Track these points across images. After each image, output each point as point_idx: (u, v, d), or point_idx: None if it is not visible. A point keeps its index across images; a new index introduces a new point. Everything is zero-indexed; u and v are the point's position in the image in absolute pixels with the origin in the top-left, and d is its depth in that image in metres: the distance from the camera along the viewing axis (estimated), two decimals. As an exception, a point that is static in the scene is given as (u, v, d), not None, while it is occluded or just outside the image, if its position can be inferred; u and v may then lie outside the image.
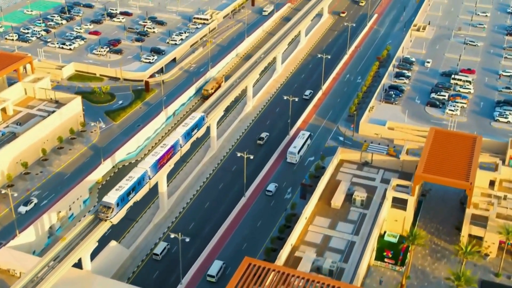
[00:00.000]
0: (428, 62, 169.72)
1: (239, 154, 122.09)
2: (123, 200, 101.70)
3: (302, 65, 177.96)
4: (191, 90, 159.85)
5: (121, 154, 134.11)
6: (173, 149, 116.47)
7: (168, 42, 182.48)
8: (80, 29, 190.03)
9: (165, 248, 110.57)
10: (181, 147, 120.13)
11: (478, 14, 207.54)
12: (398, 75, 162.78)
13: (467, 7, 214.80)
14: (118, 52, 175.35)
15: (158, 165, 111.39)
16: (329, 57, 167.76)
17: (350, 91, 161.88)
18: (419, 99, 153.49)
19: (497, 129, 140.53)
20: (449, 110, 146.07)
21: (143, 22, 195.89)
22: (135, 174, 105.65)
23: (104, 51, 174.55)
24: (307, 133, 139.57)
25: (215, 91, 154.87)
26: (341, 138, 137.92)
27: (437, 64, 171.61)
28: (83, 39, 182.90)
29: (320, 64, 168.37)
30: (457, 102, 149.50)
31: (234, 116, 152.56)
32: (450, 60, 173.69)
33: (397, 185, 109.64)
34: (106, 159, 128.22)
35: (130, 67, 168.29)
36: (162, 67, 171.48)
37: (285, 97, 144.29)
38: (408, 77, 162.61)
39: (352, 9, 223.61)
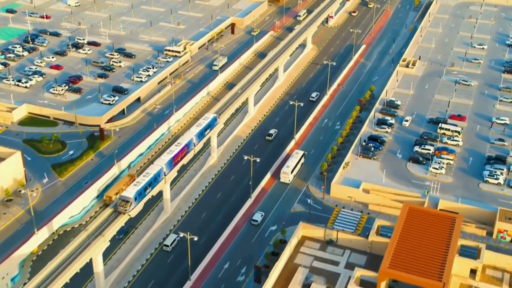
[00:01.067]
0: (407, 121, 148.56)
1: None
2: (140, 194, 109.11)
3: (277, 107, 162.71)
4: (151, 138, 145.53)
5: (64, 218, 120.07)
6: (187, 148, 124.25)
7: (133, 79, 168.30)
8: (41, 62, 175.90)
9: (175, 239, 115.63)
10: (194, 146, 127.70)
11: (474, 47, 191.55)
12: (379, 123, 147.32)
13: (462, 38, 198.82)
14: (77, 91, 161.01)
15: (172, 162, 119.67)
16: (301, 104, 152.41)
17: (327, 140, 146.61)
18: (401, 153, 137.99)
19: (486, 193, 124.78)
20: (433, 168, 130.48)
21: (110, 54, 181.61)
22: (151, 171, 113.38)
23: (62, 90, 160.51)
24: (301, 152, 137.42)
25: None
26: (310, 201, 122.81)
27: (425, 108, 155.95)
28: (42, 74, 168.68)
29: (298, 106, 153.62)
30: (443, 158, 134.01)
31: (195, 170, 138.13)
32: (439, 104, 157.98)
33: (362, 277, 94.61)
34: (43, 226, 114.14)
35: (87, 109, 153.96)
36: (124, 109, 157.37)
37: (246, 157, 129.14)
38: (390, 125, 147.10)
39: (361, 10, 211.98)
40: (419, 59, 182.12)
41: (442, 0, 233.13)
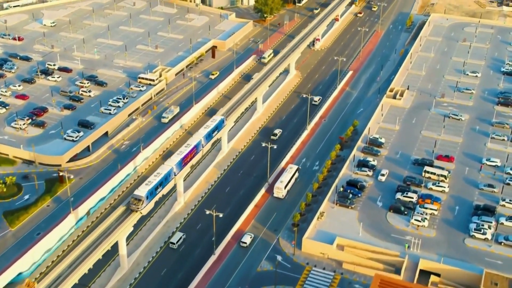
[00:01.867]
0: (383, 175, 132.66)
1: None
2: (152, 193, 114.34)
3: (253, 144, 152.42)
4: (115, 180, 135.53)
5: (11, 274, 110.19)
6: (195, 149, 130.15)
7: (102, 111, 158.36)
8: (6, 91, 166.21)
9: (181, 237, 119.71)
10: (203, 147, 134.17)
11: (467, 74, 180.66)
12: (360, 165, 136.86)
13: (455, 64, 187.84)
14: (41, 125, 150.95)
15: (182, 163, 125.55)
16: (274, 147, 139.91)
17: (303, 184, 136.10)
18: (382, 200, 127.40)
19: (472, 250, 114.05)
20: (415, 220, 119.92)
21: (80, 82, 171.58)
22: (162, 171, 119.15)
23: (24, 124, 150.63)
24: (295, 167, 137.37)
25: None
26: (277, 262, 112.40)
27: (411, 146, 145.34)
28: (5, 106, 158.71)
29: (275, 144, 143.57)
30: (426, 208, 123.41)
31: (160, 217, 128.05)
32: (426, 141, 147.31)
33: None
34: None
35: (49, 146, 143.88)
36: (89, 146, 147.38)
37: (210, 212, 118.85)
38: (372, 167, 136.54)
39: (365, 13, 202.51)
40: (408, 89, 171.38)
41: (435, 21, 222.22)
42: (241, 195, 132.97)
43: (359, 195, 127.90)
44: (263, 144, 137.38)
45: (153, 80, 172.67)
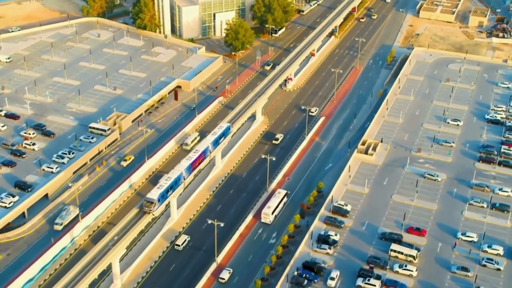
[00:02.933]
0: (333, 279, 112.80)
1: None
2: (163, 196, 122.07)
3: (204, 211, 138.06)
4: (48, 255, 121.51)
5: None
6: (203, 154, 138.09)
7: (43, 170, 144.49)
8: None
9: (185, 240, 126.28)
10: (210, 153, 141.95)
11: (448, 122, 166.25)
12: (320, 240, 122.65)
13: (436, 110, 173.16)
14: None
15: (191, 167, 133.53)
16: (221, 225, 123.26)
17: (256, 261, 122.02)
18: (342, 286, 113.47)
19: None
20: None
21: (25, 133, 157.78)
22: (172, 175, 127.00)
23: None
24: (283, 192, 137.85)
25: None
26: None
27: (379, 216, 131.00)
28: None
29: (227, 213, 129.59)
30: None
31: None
32: (398, 209, 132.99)
33: None
34: None
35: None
36: (24, 212, 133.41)
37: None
38: (334, 243, 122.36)
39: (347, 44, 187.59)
40: (381, 141, 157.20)
41: (418, 56, 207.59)
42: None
43: (316, 280, 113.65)
44: (209, 221, 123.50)
45: (105, 131, 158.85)
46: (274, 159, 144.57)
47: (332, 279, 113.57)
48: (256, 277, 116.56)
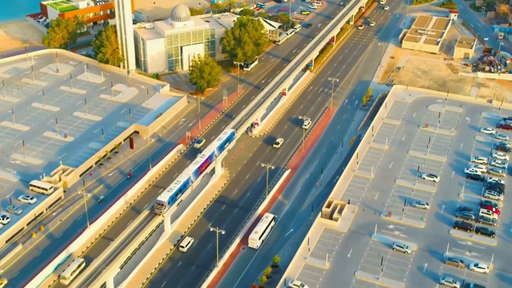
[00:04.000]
0: None
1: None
2: (172, 199, 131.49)
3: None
4: None
5: None
6: (209, 159, 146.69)
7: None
8: None
9: (189, 242, 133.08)
10: (216, 157, 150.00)
11: (424, 178, 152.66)
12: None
13: (412, 162, 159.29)
14: None
15: (198, 171, 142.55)
16: None
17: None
18: None
19: None
20: None
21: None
22: (181, 179, 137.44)
23: None
24: (271, 216, 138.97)
25: None
26: None
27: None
28: None
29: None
30: None
31: None
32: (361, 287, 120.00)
33: None
34: None
35: None
36: None
37: None
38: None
39: (321, 81, 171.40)
40: (348, 203, 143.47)
41: (397, 95, 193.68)
42: None
43: None
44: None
45: (46, 189, 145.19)
46: (223, 232, 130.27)
47: None
48: None
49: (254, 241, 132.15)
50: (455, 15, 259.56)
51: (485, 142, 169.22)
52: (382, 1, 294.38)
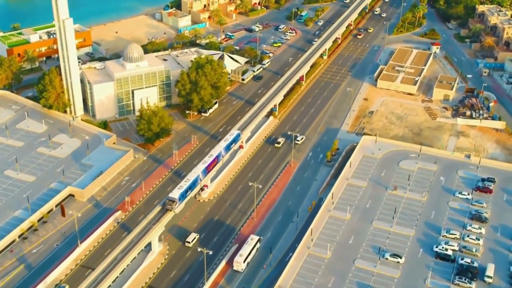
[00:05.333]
0: None
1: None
2: (183, 196, 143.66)
3: None
4: None
5: None
6: (217, 159, 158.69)
7: None
8: None
9: (195, 237, 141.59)
10: (222, 157, 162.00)
11: (387, 259, 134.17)
12: None
13: (374, 236, 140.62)
14: None
15: (206, 170, 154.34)
16: None
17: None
18: None
19: None
20: None
21: None
22: (190, 177, 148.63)
23: None
24: (256, 238, 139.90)
25: None
26: None
27: None
28: None
29: None
30: None
31: None
32: None
33: None
34: None
35: None
36: None
37: None
38: None
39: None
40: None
41: (365, 148, 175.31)
42: None
43: None
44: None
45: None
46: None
47: None
48: None
49: (239, 264, 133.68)
50: (437, 48, 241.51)
51: (460, 210, 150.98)
52: (376, 10, 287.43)
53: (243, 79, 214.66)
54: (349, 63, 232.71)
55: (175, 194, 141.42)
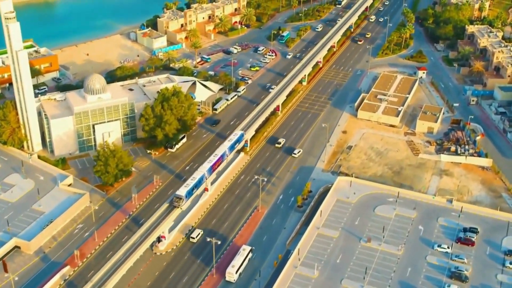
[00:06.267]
0: None
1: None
2: (189, 193, 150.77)
3: None
4: None
5: None
6: (221, 158, 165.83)
7: None
8: None
9: (199, 233, 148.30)
10: (227, 156, 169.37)
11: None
12: None
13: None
14: None
15: (212, 169, 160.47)
16: None
17: None
18: None
19: None
20: None
21: None
22: (196, 175, 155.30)
23: None
24: (248, 248, 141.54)
25: None
26: None
27: None
28: None
29: None
30: None
31: None
32: None
33: None
34: None
35: None
36: None
37: None
38: None
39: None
40: None
41: (340, 191, 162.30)
42: None
43: None
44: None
45: None
46: None
47: None
48: None
49: (231, 275, 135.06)
50: (424, 73, 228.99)
51: (438, 266, 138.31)
52: (371, 18, 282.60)
53: (215, 109, 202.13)
54: (330, 90, 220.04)
55: (182, 191, 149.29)
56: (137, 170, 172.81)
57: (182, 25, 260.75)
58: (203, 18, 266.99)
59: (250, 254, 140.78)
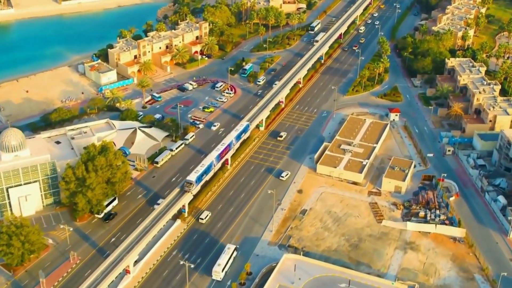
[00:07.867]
0: None
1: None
2: (199, 179, 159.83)
3: None
4: None
5: None
6: (228, 147, 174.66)
7: None
8: None
9: (207, 215, 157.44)
10: (233, 145, 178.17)
11: None
12: None
13: None
14: None
15: (220, 157, 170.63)
16: None
17: None
18: None
19: None
20: None
21: None
22: (206, 162, 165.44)
23: None
24: (233, 247, 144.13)
25: None
26: None
27: None
28: None
29: None
30: None
31: None
32: None
33: None
34: None
35: None
36: None
37: None
38: None
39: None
40: None
41: (283, 275, 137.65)
42: None
43: None
44: None
45: None
46: None
47: None
48: None
49: (218, 273, 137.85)
50: (396, 115, 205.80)
51: None
52: (360, 29, 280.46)
53: (156, 162, 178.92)
54: (289, 136, 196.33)
55: (192, 177, 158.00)
56: (55, 242, 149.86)
57: (135, 57, 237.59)
58: (160, 48, 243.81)
59: (235, 253, 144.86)
